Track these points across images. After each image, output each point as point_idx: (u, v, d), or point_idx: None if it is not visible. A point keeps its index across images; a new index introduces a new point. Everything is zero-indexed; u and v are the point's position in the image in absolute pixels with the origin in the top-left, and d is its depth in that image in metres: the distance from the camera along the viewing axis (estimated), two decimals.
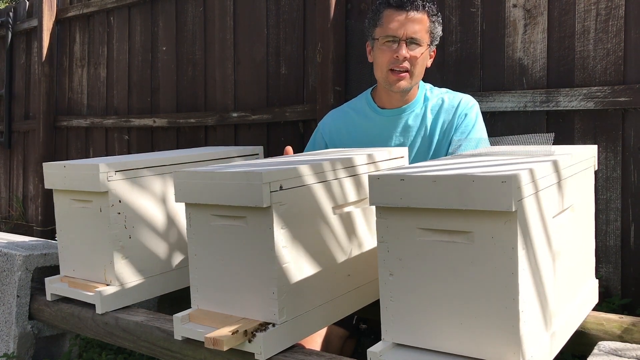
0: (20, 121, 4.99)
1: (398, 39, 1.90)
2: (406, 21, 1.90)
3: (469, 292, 1.12)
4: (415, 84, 1.98)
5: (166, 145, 3.74)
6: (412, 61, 1.92)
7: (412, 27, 1.90)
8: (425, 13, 1.93)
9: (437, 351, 1.18)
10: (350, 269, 1.58)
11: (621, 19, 2.14)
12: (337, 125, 2.13)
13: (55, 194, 1.91)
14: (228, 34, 3.40)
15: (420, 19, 1.91)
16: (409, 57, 1.91)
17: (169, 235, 1.93)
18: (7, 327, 2.06)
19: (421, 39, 1.92)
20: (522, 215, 1.08)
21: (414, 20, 1.91)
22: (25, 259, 2.06)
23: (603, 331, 1.49)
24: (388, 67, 1.93)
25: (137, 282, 1.84)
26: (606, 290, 2.17)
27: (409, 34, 1.90)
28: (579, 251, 1.46)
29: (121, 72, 4.09)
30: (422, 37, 1.92)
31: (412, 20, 1.90)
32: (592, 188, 1.58)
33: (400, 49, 1.90)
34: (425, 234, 1.16)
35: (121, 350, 2.25)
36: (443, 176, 1.12)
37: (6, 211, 5.11)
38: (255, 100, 3.28)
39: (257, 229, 1.36)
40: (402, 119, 2.02)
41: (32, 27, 4.75)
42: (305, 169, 1.42)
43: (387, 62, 1.92)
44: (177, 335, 1.48)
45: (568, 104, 2.22)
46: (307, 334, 1.47)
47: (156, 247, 1.89)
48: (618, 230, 2.16)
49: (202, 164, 1.98)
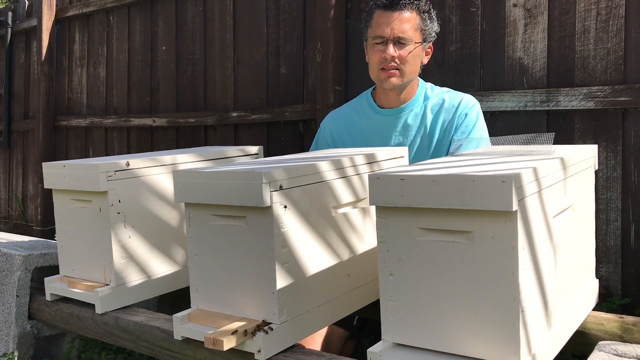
0: (20, 121, 4.99)
1: (385, 39, 1.94)
2: (393, 21, 1.93)
3: (469, 292, 1.12)
4: (409, 81, 1.99)
5: (166, 145, 3.74)
6: (400, 60, 1.94)
7: (399, 27, 1.93)
8: (413, 11, 1.95)
9: (437, 351, 1.18)
10: (350, 269, 1.58)
11: (621, 18, 2.14)
12: (337, 126, 2.14)
13: (55, 193, 1.91)
14: (228, 34, 3.40)
15: (408, 18, 1.94)
16: (397, 56, 1.94)
17: (168, 235, 1.93)
18: (7, 327, 2.06)
19: (410, 37, 1.94)
20: (522, 215, 1.08)
21: (401, 19, 1.93)
22: (24, 258, 2.06)
23: (603, 331, 1.49)
24: (378, 67, 1.96)
25: (137, 282, 1.84)
26: (606, 290, 2.17)
27: (396, 33, 1.93)
28: (579, 251, 1.46)
29: (121, 72, 4.08)
30: (410, 36, 1.94)
31: (400, 20, 1.93)
32: (592, 188, 1.58)
33: (387, 49, 1.93)
34: (425, 233, 1.16)
35: (121, 350, 2.25)
36: (443, 176, 1.12)
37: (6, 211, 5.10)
38: (255, 100, 3.27)
39: (257, 229, 1.36)
40: (402, 118, 2.02)
41: (32, 27, 4.75)
42: (305, 169, 1.42)
43: (377, 62, 1.96)
44: (177, 335, 1.48)
45: (568, 104, 2.21)
46: (307, 334, 1.47)
47: (156, 247, 1.89)
48: (618, 230, 2.16)
49: (202, 164, 1.98)
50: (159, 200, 1.90)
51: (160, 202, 1.90)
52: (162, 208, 1.91)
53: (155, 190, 1.88)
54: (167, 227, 1.92)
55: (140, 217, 1.84)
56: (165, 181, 1.91)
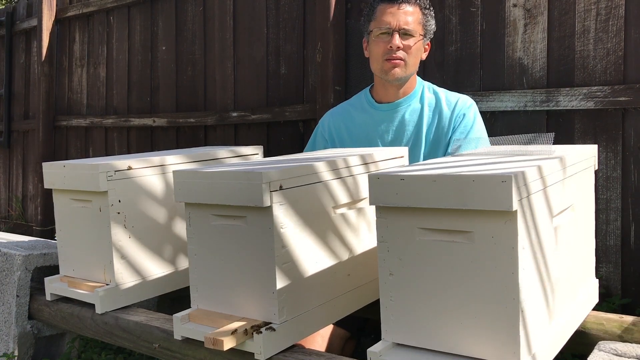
0: (20, 121, 4.99)
1: (391, 30, 1.98)
2: (398, 13, 1.98)
3: (469, 291, 1.12)
4: (411, 74, 2.03)
5: (166, 145, 3.74)
6: (405, 51, 1.98)
7: (404, 19, 1.98)
8: (417, 6, 2.01)
9: (437, 351, 1.18)
10: (350, 269, 1.58)
11: (621, 18, 2.14)
12: (335, 122, 2.17)
13: (55, 193, 1.91)
14: (228, 34, 3.40)
15: (412, 11, 1.99)
16: (403, 47, 1.98)
17: (168, 235, 1.93)
18: (7, 327, 2.06)
19: (414, 29, 1.99)
20: (522, 215, 1.08)
21: (406, 12, 1.99)
22: (24, 258, 2.06)
23: (603, 331, 1.49)
24: (383, 58, 1.99)
25: (137, 282, 1.84)
26: (606, 290, 2.17)
27: (402, 24, 1.97)
28: (579, 251, 1.46)
29: (121, 72, 4.08)
30: (414, 28, 1.99)
31: (405, 12, 1.98)
32: (592, 188, 1.58)
33: (393, 39, 1.97)
34: (425, 233, 1.16)
35: (121, 350, 2.25)
36: (443, 176, 1.12)
37: (6, 211, 5.10)
38: (255, 100, 3.27)
39: (257, 229, 1.36)
40: (399, 113, 2.06)
41: (32, 27, 4.75)
42: (305, 169, 1.42)
43: (381, 52, 1.99)
44: (177, 335, 1.48)
45: (568, 104, 2.21)
46: (307, 334, 1.47)
47: (156, 247, 1.89)
48: (618, 230, 2.16)
49: (202, 164, 1.98)
50: (159, 200, 1.90)
51: (161, 203, 1.90)
52: (162, 208, 1.91)
53: (155, 190, 1.88)
54: (167, 227, 1.92)
55: (140, 217, 1.84)
56: (165, 181, 1.91)
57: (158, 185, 1.89)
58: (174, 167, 1.91)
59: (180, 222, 1.94)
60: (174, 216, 1.94)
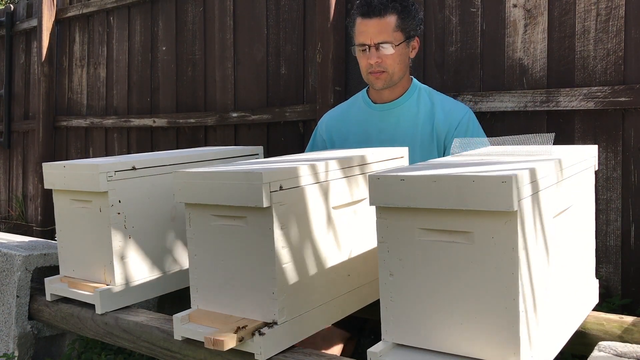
0: (20, 121, 4.99)
1: (368, 46, 2.00)
2: (372, 27, 1.99)
3: (469, 292, 1.12)
4: (399, 78, 2.06)
5: (166, 145, 3.74)
6: (385, 63, 2.00)
7: (377, 34, 1.98)
8: (391, 14, 1.99)
9: (437, 351, 1.18)
10: (350, 269, 1.58)
11: (621, 19, 2.14)
12: (334, 121, 2.21)
13: (55, 194, 1.91)
14: (228, 34, 3.40)
15: (385, 23, 1.98)
16: (382, 60, 2.00)
17: (168, 236, 1.93)
18: (7, 327, 2.06)
19: (391, 39, 1.99)
20: (522, 216, 1.08)
21: (379, 24, 1.98)
22: (24, 259, 2.06)
23: (603, 331, 1.49)
24: (367, 71, 2.04)
25: (137, 282, 1.84)
26: (606, 290, 2.17)
27: (376, 40, 1.99)
28: (579, 251, 1.46)
29: (121, 72, 4.08)
30: (391, 38, 1.99)
31: (378, 24, 1.98)
32: (592, 188, 1.58)
33: (371, 56, 2.00)
34: (425, 234, 1.16)
35: (121, 351, 2.25)
36: (443, 176, 1.12)
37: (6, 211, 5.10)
38: (255, 100, 3.27)
39: (257, 229, 1.36)
40: (394, 113, 2.10)
41: (32, 27, 4.74)
42: (305, 169, 1.42)
43: (364, 67, 2.05)
44: (177, 336, 1.48)
45: (568, 104, 2.21)
46: (307, 334, 1.47)
47: (156, 247, 1.89)
48: (618, 230, 2.16)
49: (202, 164, 1.98)
50: (159, 200, 1.90)
51: (161, 203, 1.90)
52: (162, 208, 1.91)
53: (155, 191, 1.88)
54: (167, 227, 1.92)
55: (140, 218, 1.84)
56: (165, 181, 1.91)
57: (158, 185, 1.89)
58: (174, 167, 1.91)
59: (180, 222, 1.94)
60: (174, 216, 1.94)
